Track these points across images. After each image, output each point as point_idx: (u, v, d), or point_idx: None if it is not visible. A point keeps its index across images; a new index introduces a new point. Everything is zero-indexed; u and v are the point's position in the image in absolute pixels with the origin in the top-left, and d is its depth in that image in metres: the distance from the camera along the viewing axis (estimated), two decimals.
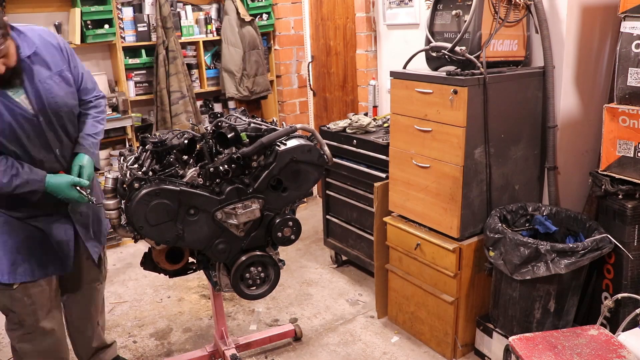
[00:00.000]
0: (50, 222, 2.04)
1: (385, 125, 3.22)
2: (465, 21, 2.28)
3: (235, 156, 1.86)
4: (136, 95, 4.14)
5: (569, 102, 2.54)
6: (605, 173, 2.27)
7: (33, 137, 1.90)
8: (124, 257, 3.95)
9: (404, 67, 2.64)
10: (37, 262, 2.05)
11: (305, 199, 2.08)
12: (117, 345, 2.65)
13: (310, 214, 4.49)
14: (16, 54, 1.82)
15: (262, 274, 2.04)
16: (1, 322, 3.12)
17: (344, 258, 3.60)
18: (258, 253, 2.01)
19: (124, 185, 1.87)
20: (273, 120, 2.26)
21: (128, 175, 1.90)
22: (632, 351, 1.76)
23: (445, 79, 2.31)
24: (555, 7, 2.43)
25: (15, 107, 1.85)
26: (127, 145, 4.03)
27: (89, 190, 1.99)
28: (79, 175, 1.99)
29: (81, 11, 3.68)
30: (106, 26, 3.80)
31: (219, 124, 2.00)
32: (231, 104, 4.61)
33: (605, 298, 2.33)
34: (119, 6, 3.94)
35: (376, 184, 2.80)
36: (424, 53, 2.53)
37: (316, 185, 2.26)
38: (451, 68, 2.45)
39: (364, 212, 3.16)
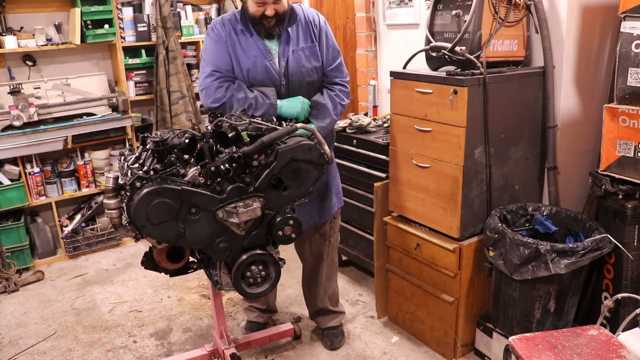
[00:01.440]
0: None
1: (385, 125, 3.23)
2: (465, 21, 2.29)
3: (236, 155, 1.86)
4: (136, 95, 4.14)
5: (569, 102, 2.55)
6: (605, 173, 2.27)
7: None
8: (124, 257, 3.95)
9: (404, 67, 2.65)
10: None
11: (305, 198, 2.09)
12: (342, 317, 2.85)
13: None
14: (288, 8, 2.23)
15: (262, 273, 2.04)
16: (2, 321, 3.13)
17: (344, 258, 3.60)
18: (259, 252, 2.01)
19: (125, 185, 1.87)
20: (273, 119, 2.26)
21: (129, 174, 1.90)
22: (632, 351, 1.76)
23: (445, 79, 2.31)
24: (555, 7, 2.43)
25: (269, 62, 2.26)
26: (127, 145, 4.03)
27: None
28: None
29: (81, 11, 3.68)
30: (106, 26, 3.81)
31: (219, 123, 2.00)
32: None
33: (605, 298, 2.33)
34: (119, 6, 3.95)
35: (376, 184, 2.80)
36: (424, 53, 2.54)
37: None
38: (451, 68, 2.46)
39: (364, 212, 3.16)
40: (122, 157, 2.13)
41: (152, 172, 1.84)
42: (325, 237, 2.64)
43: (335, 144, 3.23)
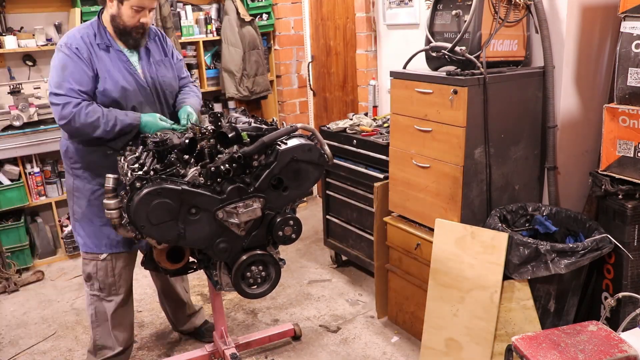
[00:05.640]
0: None
1: (385, 125, 3.23)
2: (465, 21, 2.29)
3: (236, 155, 1.86)
4: None
5: (569, 102, 2.55)
6: (605, 173, 2.27)
7: (144, 103, 2.26)
8: None
9: (404, 67, 2.65)
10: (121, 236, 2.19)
11: (305, 199, 2.09)
12: (204, 311, 2.98)
13: (310, 214, 4.49)
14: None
15: (263, 273, 2.04)
16: (2, 321, 3.13)
17: (344, 258, 3.61)
18: (259, 252, 2.01)
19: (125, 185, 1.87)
20: (273, 120, 2.27)
21: (129, 174, 1.90)
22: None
23: (445, 79, 2.31)
24: (555, 7, 2.43)
25: (135, 75, 2.24)
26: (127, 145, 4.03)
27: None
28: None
29: (81, 11, 3.68)
30: None
31: (220, 123, 2.01)
32: (231, 104, 4.61)
33: (606, 298, 2.33)
34: None
35: (376, 184, 2.80)
36: (424, 53, 2.54)
37: (316, 185, 2.26)
38: (451, 68, 2.46)
39: (364, 212, 3.17)
40: (122, 157, 2.13)
41: (152, 173, 1.84)
42: None
43: (335, 144, 3.25)
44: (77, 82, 2.11)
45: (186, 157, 1.94)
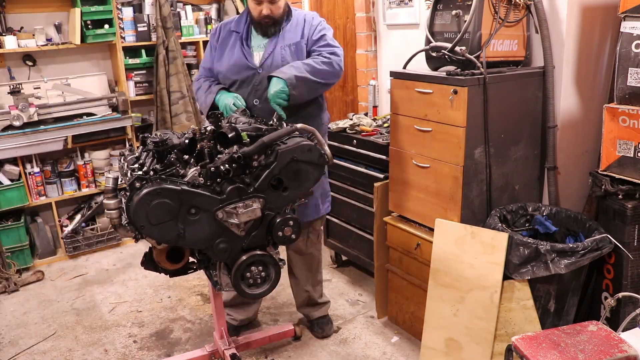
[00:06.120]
0: None
1: (385, 125, 3.22)
2: (465, 21, 2.29)
3: (236, 156, 1.86)
4: (136, 95, 4.14)
5: (569, 102, 2.54)
6: (605, 173, 2.27)
7: (239, 82, 2.46)
8: (124, 257, 3.95)
9: (404, 67, 2.65)
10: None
11: (305, 199, 2.10)
12: (329, 306, 2.95)
13: None
14: (284, 10, 2.44)
15: (262, 273, 2.04)
16: (2, 321, 3.13)
17: (344, 258, 3.61)
18: (259, 252, 2.01)
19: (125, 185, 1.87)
20: (273, 120, 2.26)
21: (129, 174, 1.90)
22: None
23: (445, 79, 2.31)
24: (555, 7, 2.43)
25: (246, 56, 2.44)
26: (127, 145, 4.03)
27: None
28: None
29: (81, 11, 3.68)
30: (106, 26, 3.80)
31: (220, 123, 2.00)
32: None
33: (606, 298, 2.33)
34: (119, 6, 3.95)
35: (376, 184, 2.80)
36: (424, 53, 2.54)
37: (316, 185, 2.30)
38: (451, 68, 2.46)
39: (364, 212, 3.16)
40: (122, 157, 2.13)
41: (151, 173, 1.84)
42: (304, 234, 2.68)
43: (335, 143, 3.25)
44: (206, 61, 2.60)
45: (186, 157, 1.94)
